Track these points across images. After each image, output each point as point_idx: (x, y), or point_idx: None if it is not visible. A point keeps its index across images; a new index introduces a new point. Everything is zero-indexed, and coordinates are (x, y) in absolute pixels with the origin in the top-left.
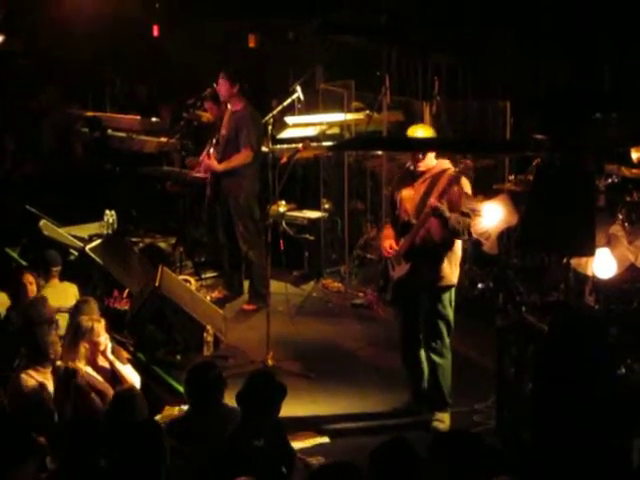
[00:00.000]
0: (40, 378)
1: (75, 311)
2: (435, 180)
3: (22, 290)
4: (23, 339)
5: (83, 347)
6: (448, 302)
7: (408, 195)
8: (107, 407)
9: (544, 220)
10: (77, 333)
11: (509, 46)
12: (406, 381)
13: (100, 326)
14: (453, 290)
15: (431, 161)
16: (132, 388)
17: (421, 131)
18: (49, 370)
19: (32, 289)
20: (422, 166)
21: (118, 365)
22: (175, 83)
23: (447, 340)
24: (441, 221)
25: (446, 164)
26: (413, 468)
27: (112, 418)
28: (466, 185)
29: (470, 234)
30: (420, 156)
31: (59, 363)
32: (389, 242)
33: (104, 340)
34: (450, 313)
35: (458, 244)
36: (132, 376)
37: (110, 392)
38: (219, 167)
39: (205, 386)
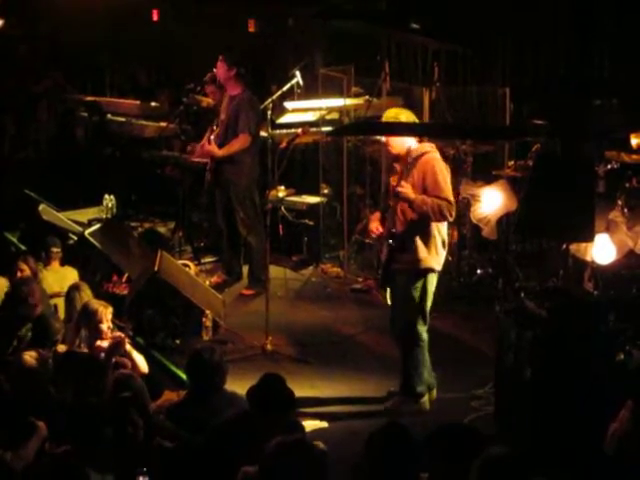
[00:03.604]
0: (42, 360)
1: (69, 297)
2: (413, 164)
3: (14, 277)
4: (26, 320)
5: (85, 331)
6: (422, 287)
7: (394, 179)
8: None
9: (543, 206)
10: (81, 317)
11: (509, 32)
12: None
13: (106, 312)
14: (431, 275)
15: (402, 144)
16: (131, 373)
17: (403, 115)
18: (50, 354)
19: (25, 276)
20: (393, 150)
21: (134, 354)
22: (174, 68)
23: (419, 327)
24: (408, 204)
25: (426, 147)
26: (409, 452)
27: (112, 401)
28: (438, 167)
29: (444, 216)
30: (384, 140)
31: (59, 346)
32: (374, 224)
33: (106, 328)
34: (424, 298)
35: (437, 227)
36: (144, 366)
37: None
38: (219, 153)
39: (206, 371)
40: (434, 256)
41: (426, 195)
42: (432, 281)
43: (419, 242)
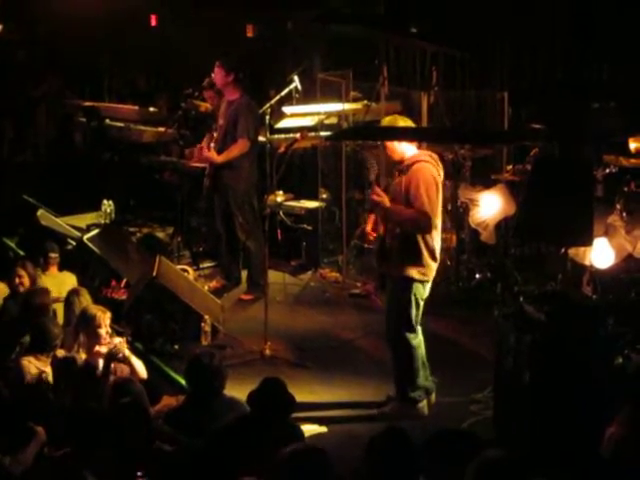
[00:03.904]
0: (41, 366)
1: (68, 302)
2: (405, 171)
3: (12, 282)
4: (30, 328)
5: (83, 336)
6: (407, 295)
7: (391, 185)
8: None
9: (542, 210)
10: (80, 322)
11: (507, 36)
12: None
13: (104, 317)
14: (417, 285)
15: (397, 151)
16: (130, 378)
17: (401, 121)
18: (49, 360)
19: (23, 281)
20: (389, 155)
21: (133, 360)
22: (173, 73)
23: (406, 334)
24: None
25: (422, 156)
26: (409, 457)
27: (111, 406)
28: (423, 177)
29: (420, 229)
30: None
31: (58, 351)
32: (371, 226)
33: (104, 332)
34: (409, 307)
35: (424, 238)
36: (143, 371)
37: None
38: (218, 159)
39: (206, 376)
40: (418, 267)
41: (408, 204)
42: (418, 291)
43: (403, 252)
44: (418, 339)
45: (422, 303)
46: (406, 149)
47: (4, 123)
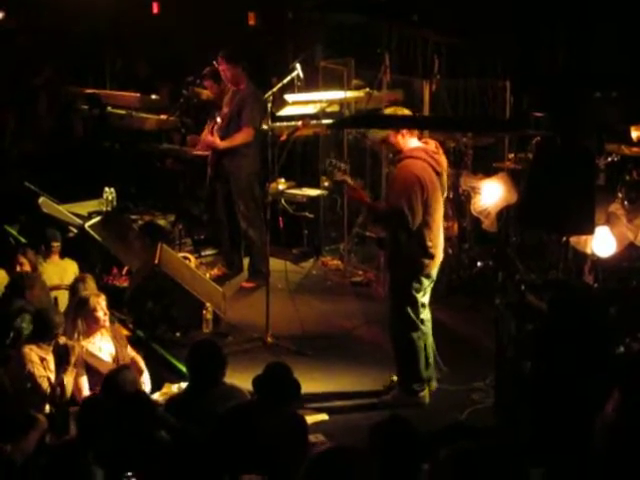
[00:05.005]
0: (42, 353)
1: (73, 289)
2: (396, 165)
3: (13, 270)
4: (33, 316)
5: (82, 324)
6: (397, 294)
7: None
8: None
9: (544, 198)
10: (76, 308)
11: (509, 24)
12: None
13: (99, 301)
14: (407, 283)
15: (398, 143)
16: (125, 366)
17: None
18: (51, 347)
19: (24, 269)
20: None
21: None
22: (175, 61)
23: (404, 329)
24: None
25: (415, 152)
26: (411, 444)
27: (106, 396)
28: (403, 175)
29: (395, 224)
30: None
31: (60, 338)
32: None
33: (102, 315)
34: (401, 305)
35: (414, 236)
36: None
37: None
38: (221, 144)
39: (207, 364)
40: (408, 265)
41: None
42: (412, 287)
43: (390, 249)
44: (418, 332)
45: (419, 296)
46: (404, 141)
47: (6, 113)
